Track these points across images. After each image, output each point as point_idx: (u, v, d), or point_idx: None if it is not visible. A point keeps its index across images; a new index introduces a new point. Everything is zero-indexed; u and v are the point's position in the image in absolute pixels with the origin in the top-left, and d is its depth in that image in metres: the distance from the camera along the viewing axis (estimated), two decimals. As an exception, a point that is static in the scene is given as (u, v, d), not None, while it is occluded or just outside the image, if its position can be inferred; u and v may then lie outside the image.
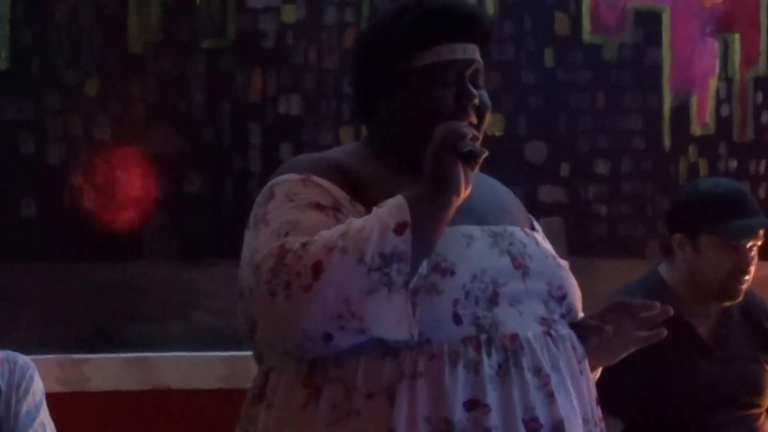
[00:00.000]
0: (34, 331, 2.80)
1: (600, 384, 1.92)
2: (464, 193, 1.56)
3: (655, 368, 2.36)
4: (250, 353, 1.66)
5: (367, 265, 1.49)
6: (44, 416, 2.33)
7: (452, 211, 1.56)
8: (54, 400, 2.42)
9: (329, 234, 1.52)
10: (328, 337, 1.51)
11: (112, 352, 2.84)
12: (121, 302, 2.86)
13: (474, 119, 1.65)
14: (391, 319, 1.51)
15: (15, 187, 2.86)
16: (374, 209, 1.55)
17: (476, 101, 1.65)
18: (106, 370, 2.81)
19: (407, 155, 1.64)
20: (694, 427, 2.43)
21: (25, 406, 2.30)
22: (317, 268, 1.49)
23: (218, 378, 2.82)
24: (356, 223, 1.53)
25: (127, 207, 2.90)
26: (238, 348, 2.78)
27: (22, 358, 2.35)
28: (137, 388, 2.81)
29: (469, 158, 1.55)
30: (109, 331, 2.86)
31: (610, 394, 2.29)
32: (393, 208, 1.53)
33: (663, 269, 2.54)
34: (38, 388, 2.34)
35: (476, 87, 1.67)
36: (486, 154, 1.57)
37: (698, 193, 2.53)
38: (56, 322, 2.83)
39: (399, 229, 1.51)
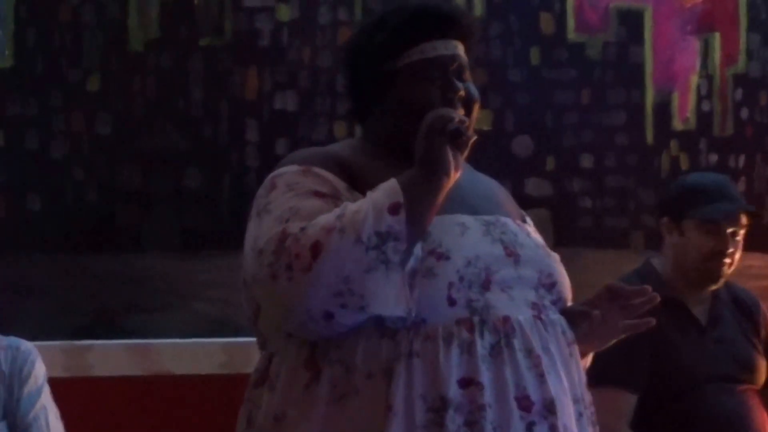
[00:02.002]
0: (40, 320, 2.84)
1: (610, 362, 1.99)
2: (454, 175, 1.60)
3: (659, 344, 2.48)
4: (248, 340, 1.70)
5: (365, 244, 1.53)
6: (45, 400, 2.34)
7: (443, 192, 1.60)
8: (59, 386, 2.42)
9: (326, 217, 1.56)
10: (329, 316, 1.55)
11: (115, 339, 2.87)
12: (123, 292, 2.90)
13: (462, 112, 1.68)
14: (389, 295, 1.55)
15: (20, 182, 2.90)
16: (368, 193, 1.59)
17: (462, 93, 1.69)
18: (109, 357, 2.84)
19: (401, 151, 1.67)
20: (694, 401, 2.52)
21: (27, 389, 2.31)
22: (316, 249, 1.53)
23: (217, 364, 2.86)
24: (352, 205, 1.57)
25: (129, 201, 2.94)
26: (237, 335, 2.85)
27: (25, 344, 2.36)
28: (139, 374, 2.84)
29: (456, 136, 1.59)
30: (112, 319, 2.89)
31: (622, 369, 2.41)
32: (386, 190, 1.57)
33: (655, 261, 2.67)
34: (40, 372, 2.34)
35: (461, 81, 1.71)
36: (474, 138, 1.61)
37: (685, 182, 2.69)
38: (61, 311, 2.87)
39: (393, 209, 1.55)
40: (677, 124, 3.29)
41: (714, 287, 2.62)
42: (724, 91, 3.31)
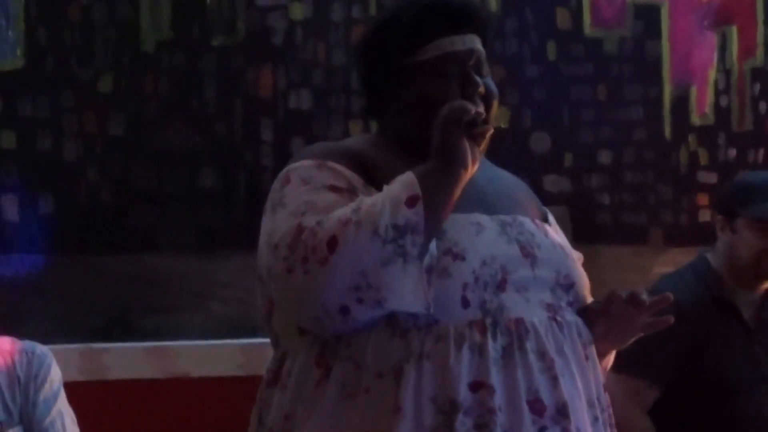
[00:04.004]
0: (56, 322, 2.82)
1: (639, 353, 1.95)
2: (472, 167, 1.58)
3: (700, 344, 2.47)
4: (265, 341, 1.68)
5: (382, 237, 1.51)
6: (61, 404, 2.34)
7: (461, 185, 1.57)
8: (75, 389, 2.42)
9: (343, 210, 1.54)
10: (345, 311, 1.52)
11: (131, 341, 2.86)
12: (139, 293, 2.88)
13: (482, 108, 1.65)
14: (407, 289, 1.52)
15: (33, 183, 2.88)
16: (385, 186, 1.57)
17: (482, 90, 1.67)
18: (126, 359, 2.82)
19: (418, 148, 1.65)
20: (731, 402, 2.51)
21: (43, 394, 2.31)
22: (333, 242, 1.51)
23: (235, 365, 2.84)
24: (368, 199, 1.55)
25: (143, 201, 2.92)
26: (254, 336, 2.83)
27: (40, 348, 2.36)
28: (156, 376, 2.82)
29: (473, 126, 1.56)
30: (128, 321, 2.88)
31: (650, 362, 2.40)
32: (403, 183, 1.55)
33: (709, 255, 2.62)
34: (56, 376, 2.35)
35: (480, 76, 1.68)
36: (492, 130, 1.59)
37: (740, 179, 2.65)
38: (76, 313, 2.85)
39: (410, 201, 1.53)
40: (695, 119, 3.27)
41: (765, 287, 2.59)
42: (742, 85, 3.29)
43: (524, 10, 3.15)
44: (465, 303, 1.57)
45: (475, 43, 1.70)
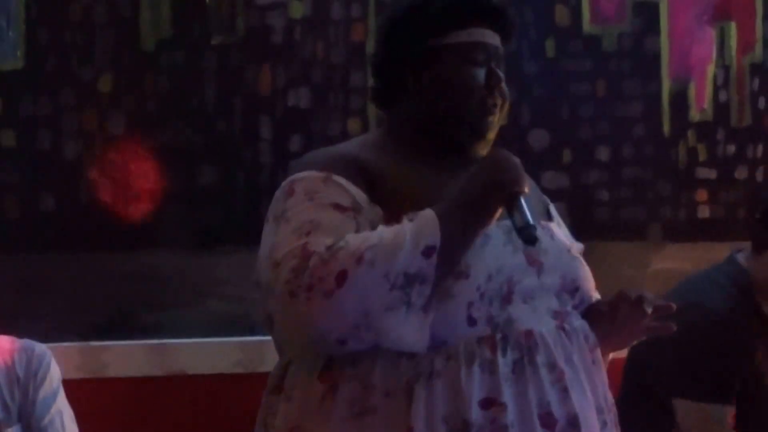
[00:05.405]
0: (55, 320, 2.82)
1: (709, 377, 1.93)
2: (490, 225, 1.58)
3: (746, 353, 2.41)
4: (264, 338, 1.69)
5: (391, 282, 1.49)
6: (61, 403, 2.36)
7: (476, 239, 1.56)
8: (74, 386, 2.44)
9: (358, 243, 1.52)
10: (342, 342, 1.52)
11: (130, 339, 2.85)
12: (138, 291, 2.88)
13: (498, 101, 1.70)
14: (405, 336, 1.52)
15: (34, 182, 2.89)
16: (405, 222, 1.54)
17: (503, 86, 1.70)
18: (124, 357, 2.82)
19: (431, 135, 1.65)
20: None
21: (42, 393, 2.32)
22: (341, 277, 1.49)
23: (233, 363, 2.83)
24: (387, 235, 1.52)
25: (142, 199, 2.92)
26: (253, 333, 2.83)
27: (39, 347, 2.37)
28: (154, 374, 2.82)
29: (512, 198, 1.55)
30: (126, 318, 2.88)
31: (721, 384, 2.34)
32: (425, 226, 1.53)
33: (745, 261, 2.49)
34: (55, 375, 2.36)
35: None
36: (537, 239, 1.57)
37: None
38: (76, 311, 2.85)
39: (427, 252, 1.51)
40: (694, 115, 3.25)
41: None
42: (741, 80, 3.27)
43: (523, 7, 3.14)
44: (471, 321, 1.56)
45: (500, 43, 1.72)
